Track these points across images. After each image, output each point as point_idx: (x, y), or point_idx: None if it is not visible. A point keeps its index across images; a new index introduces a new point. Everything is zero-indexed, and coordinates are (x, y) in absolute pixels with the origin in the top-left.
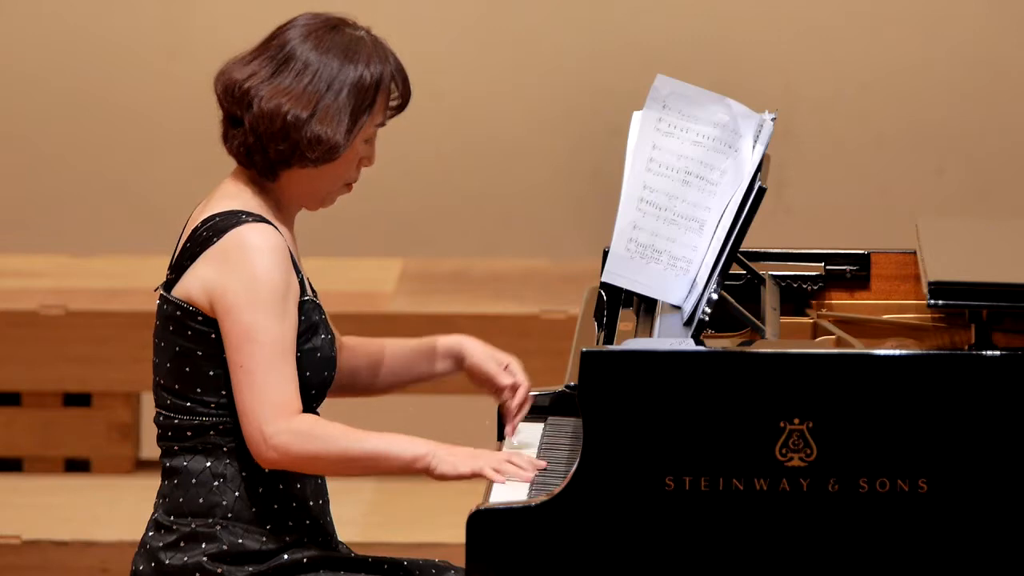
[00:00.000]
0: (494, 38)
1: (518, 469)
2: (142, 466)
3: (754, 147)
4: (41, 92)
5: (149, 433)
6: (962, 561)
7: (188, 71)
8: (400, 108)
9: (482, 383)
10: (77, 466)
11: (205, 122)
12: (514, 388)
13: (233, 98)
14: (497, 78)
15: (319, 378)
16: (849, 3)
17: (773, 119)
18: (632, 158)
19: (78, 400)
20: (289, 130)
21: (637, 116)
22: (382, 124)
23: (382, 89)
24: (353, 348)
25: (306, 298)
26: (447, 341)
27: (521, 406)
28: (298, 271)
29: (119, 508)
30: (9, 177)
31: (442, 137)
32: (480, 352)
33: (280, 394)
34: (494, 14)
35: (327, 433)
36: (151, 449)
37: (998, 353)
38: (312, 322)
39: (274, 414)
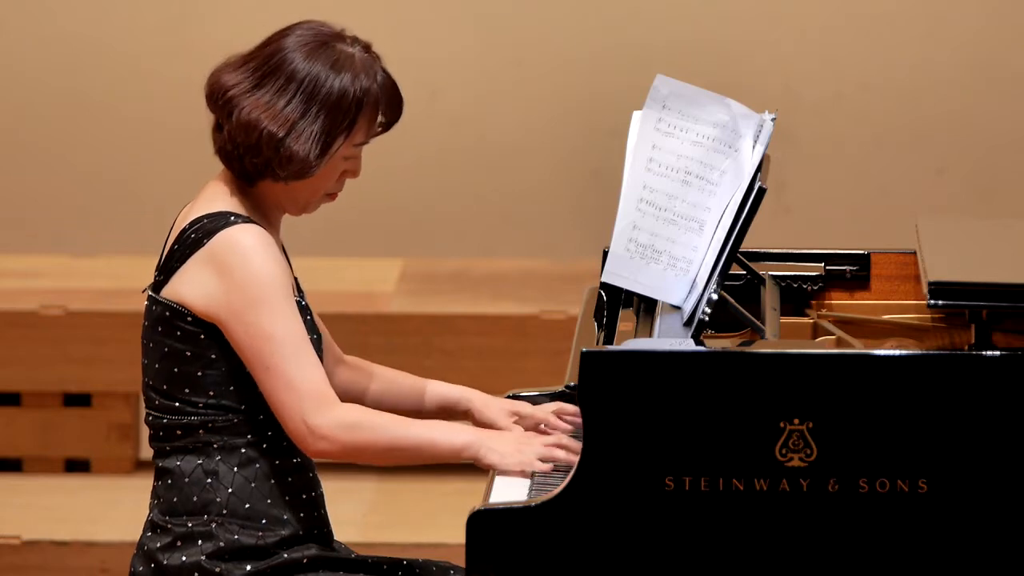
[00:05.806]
0: (493, 38)
1: (567, 455)
2: (142, 466)
3: (754, 147)
4: (41, 92)
5: None
6: (962, 561)
7: (188, 71)
8: (387, 127)
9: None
10: (77, 466)
11: (205, 123)
12: (537, 426)
13: (216, 104)
14: (496, 78)
15: None
16: (849, 3)
17: (773, 119)
18: (632, 158)
19: (78, 400)
20: (263, 147)
21: (637, 116)
22: (365, 142)
23: (365, 108)
24: (360, 369)
25: (296, 299)
26: (455, 395)
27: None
28: None
29: (119, 508)
30: (9, 177)
31: (442, 137)
32: (491, 406)
33: (313, 384)
34: (493, 14)
35: (375, 423)
36: (151, 449)
37: (998, 353)
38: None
39: (314, 405)
